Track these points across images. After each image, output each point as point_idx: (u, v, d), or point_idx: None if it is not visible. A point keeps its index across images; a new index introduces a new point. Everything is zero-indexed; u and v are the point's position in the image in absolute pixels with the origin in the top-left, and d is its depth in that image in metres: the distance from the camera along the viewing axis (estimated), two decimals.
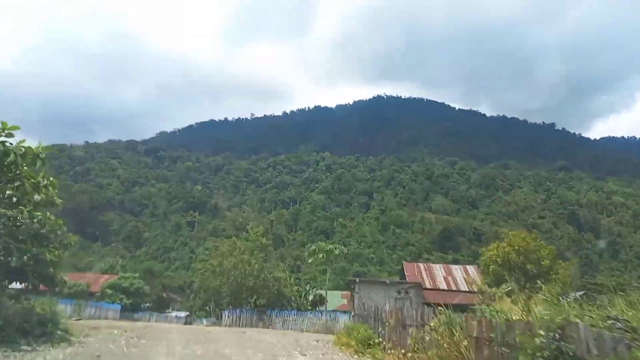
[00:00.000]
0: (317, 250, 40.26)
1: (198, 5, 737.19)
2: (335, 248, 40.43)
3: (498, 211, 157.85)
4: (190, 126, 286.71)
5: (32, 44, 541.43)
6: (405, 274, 37.95)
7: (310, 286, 44.65)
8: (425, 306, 29.04)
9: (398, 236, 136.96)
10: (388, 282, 32.35)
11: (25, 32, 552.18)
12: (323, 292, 38.52)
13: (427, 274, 37.72)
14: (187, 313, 47.09)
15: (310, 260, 42.68)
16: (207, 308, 40.49)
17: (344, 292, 45.84)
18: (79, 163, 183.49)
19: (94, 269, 56.82)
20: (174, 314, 45.93)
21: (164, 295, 46.04)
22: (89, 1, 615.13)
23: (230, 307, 32.12)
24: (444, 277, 37.11)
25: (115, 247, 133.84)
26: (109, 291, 36.53)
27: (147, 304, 40.19)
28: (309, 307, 34.88)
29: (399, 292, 29.57)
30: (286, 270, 36.59)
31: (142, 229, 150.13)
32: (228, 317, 31.36)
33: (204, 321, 39.15)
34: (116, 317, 34.68)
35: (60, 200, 15.81)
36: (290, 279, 36.85)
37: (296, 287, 38.13)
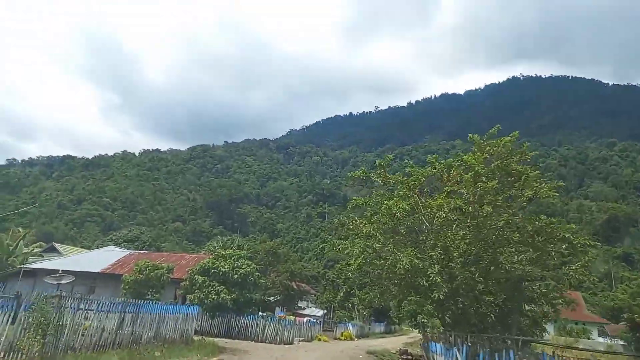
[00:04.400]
0: None
1: (318, 5, 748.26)
2: None
3: None
4: (317, 123, 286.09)
5: (177, 61, 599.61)
6: None
7: None
8: None
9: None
10: None
11: (171, 51, 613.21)
12: None
13: None
14: (324, 311, 36.26)
15: None
16: (349, 305, 29.76)
17: None
18: (219, 161, 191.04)
19: (205, 248, 45.04)
20: (308, 310, 34.05)
21: (293, 285, 31.88)
22: (225, 13, 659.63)
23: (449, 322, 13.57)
24: None
25: (252, 237, 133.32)
26: (200, 279, 21.52)
27: (272, 298, 29.30)
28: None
29: None
30: None
31: (275, 220, 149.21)
32: None
33: (350, 327, 27.61)
34: (187, 334, 16.74)
35: None
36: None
37: None
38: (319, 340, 25.74)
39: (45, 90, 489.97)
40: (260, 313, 24.90)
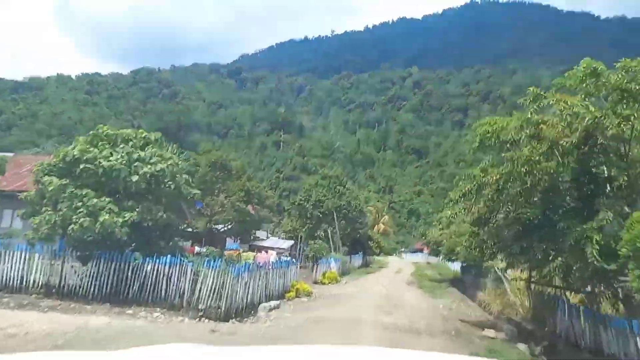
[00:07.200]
0: None
1: None
2: None
3: None
4: (271, 47, 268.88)
5: None
6: None
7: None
8: None
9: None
10: None
11: None
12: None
13: None
14: (292, 243, 28.51)
15: None
16: (321, 233, 24.21)
17: None
18: (166, 86, 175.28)
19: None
20: (269, 241, 26.90)
21: (250, 210, 23.72)
22: None
23: None
24: None
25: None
26: (54, 182, 10.17)
27: (221, 227, 21.95)
28: None
29: None
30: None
31: (228, 150, 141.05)
32: None
33: (333, 264, 21.13)
34: None
35: None
36: None
37: None
38: (296, 292, 15.73)
39: None
40: (198, 249, 16.02)
